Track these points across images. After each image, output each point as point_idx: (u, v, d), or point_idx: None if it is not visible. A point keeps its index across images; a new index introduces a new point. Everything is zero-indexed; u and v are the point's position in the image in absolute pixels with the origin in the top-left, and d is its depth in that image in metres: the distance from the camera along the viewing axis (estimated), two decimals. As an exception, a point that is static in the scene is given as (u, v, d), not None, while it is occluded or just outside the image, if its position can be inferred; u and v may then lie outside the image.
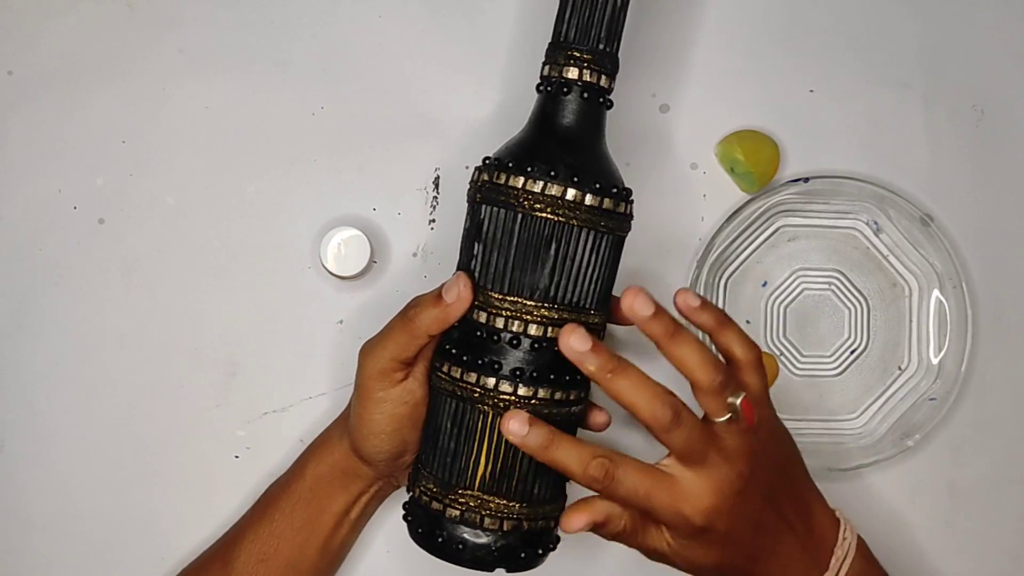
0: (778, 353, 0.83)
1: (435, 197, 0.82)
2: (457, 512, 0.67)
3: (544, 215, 0.65)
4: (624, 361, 0.62)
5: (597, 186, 0.66)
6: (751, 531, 0.66)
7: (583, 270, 0.66)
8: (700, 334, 0.74)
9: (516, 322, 0.66)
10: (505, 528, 0.67)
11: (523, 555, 0.68)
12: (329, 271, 0.78)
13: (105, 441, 0.81)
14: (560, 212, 0.65)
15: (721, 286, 0.83)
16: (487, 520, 0.67)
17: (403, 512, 0.71)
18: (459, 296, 0.66)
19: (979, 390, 0.83)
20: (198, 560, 0.77)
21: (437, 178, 0.82)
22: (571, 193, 0.65)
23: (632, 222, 0.69)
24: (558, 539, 0.71)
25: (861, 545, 0.69)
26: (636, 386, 0.62)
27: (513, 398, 0.66)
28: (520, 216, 0.66)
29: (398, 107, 0.82)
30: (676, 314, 0.65)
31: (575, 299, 0.67)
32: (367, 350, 0.70)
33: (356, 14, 0.82)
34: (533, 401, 0.66)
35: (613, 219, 0.67)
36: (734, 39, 0.84)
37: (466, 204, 0.69)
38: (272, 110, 0.82)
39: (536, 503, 0.68)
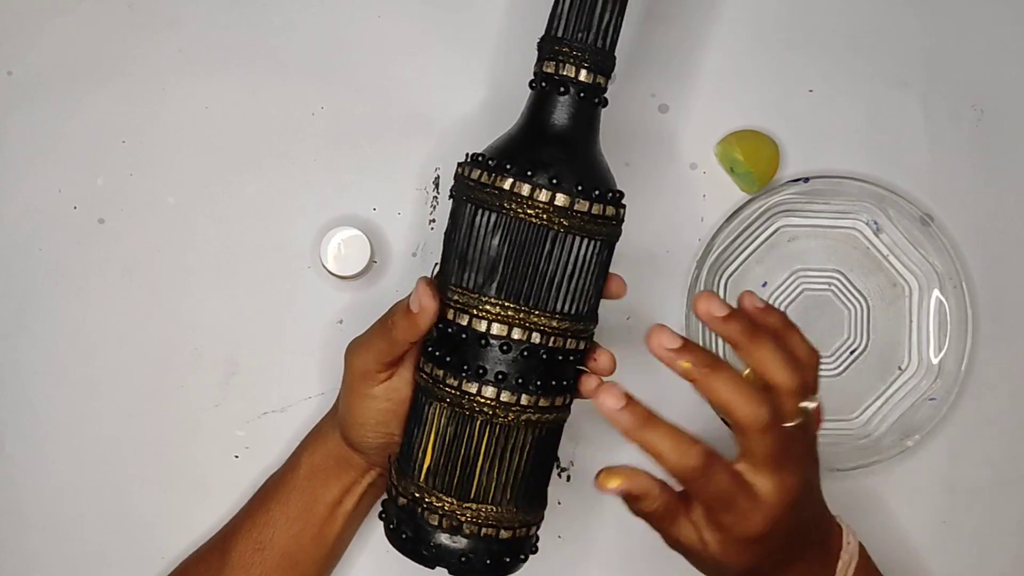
0: (778, 353, 0.83)
1: (435, 197, 0.82)
2: (404, 501, 0.67)
3: (506, 212, 0.64)
4: (719, 359, 0.60)
5: (558, 183, 0.64)
6: (797, 538, 0.64)
7: (539, 269, 0.64)
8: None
9: (463, 315, 0.65)
10: (443, 525, 0.66)
11: (463, 559, 0.65)
12: (329, 271, 0.78)
13: (104, 441, 0.81)
14: (510, 208, 0.64)
15: (721, 286, 0.83)
16: (426, 513, 0.66)
17: None
18: (422, 306, 0.65)
19: (979, 390, 0.83)
20: (196, 553, 0.77)
21: (437, 178, 0.82)
22: (526, 189, 0.64)
23: (621, 226, 0.67)
24: (519, 556, 0.68)
25: (862, 550, 0.69)
26: (733, 385, 0.60)
27: (456, 392, 0.65)
28: (479, 211, 0.65)
29: (398, 107, 0.82)
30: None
31: (530, 299, 0.65)
32: (352, 349, 0.70)
33: (356, 14, 0.82)
34: (478, 398, 0.65)
35: (576, 219, 0.64)
36: (734, 39, 0.84)
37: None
38: (272, 110, 0.82)
39: (481, 504, 0.65)
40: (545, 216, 0.64)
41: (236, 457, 0.81)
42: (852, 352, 0.83)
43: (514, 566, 0.68)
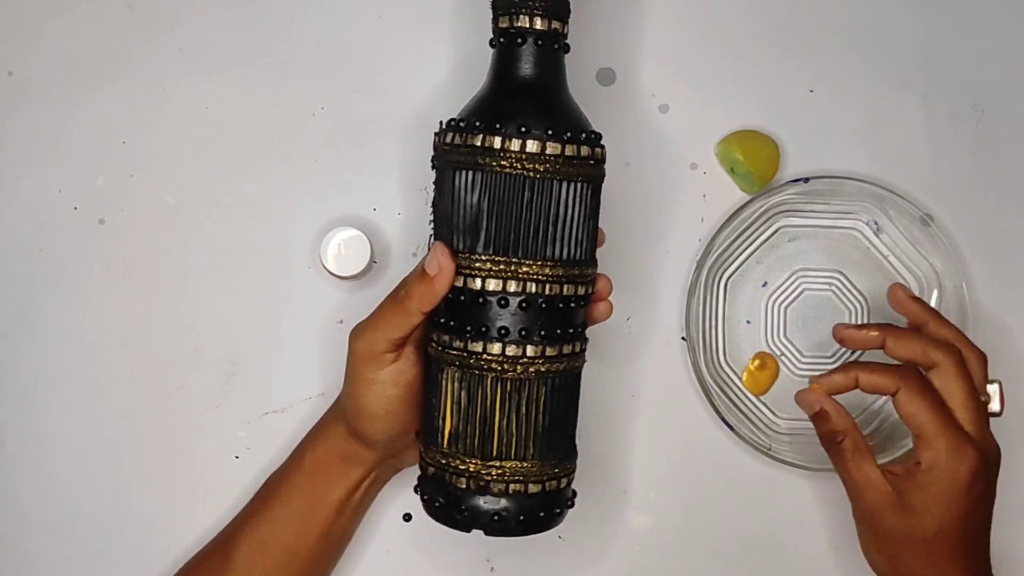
0: (778, 353, 0.83)
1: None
2: (433, 470, 0.68)
3: (481, 167, 0.65)
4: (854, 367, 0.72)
5: (528, 130, 0.65)
6: (977, 515, 0.71)
7: (523, 218, 0.65)
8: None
9: (459, 278, 0.66)
10: (471, 487, 0.66)
11: (496, 518, 0.66)
12: (329, 271, 0.78)
13: (105, 441, 0.81)
14: (485, 163, 0.65)
15: (721, 286, 0.83)
16: (454, 478, 0.67)
17: None
18: (441, 267, 0.66)
19: (979, 390, 0.83)
20: (198, 555, 0.77)
21: (437, 178, 0.82)
22: (497, 141, 0.65)
23: (603, 167, 0.68)
24: (553, 511, 0.68)
25: None
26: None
27: (464, 354, 0.66)
28: (456, 172, 0.66)
29: (398, 107, 0.82)
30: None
31: (518, 249, 0.65)
32: (358, 333, 0.70)
33: (356, 14, 0.82)
34: (485, 356, 0.66)
35: (551, 163, 0.65)
36: (734, 39, 0.84)
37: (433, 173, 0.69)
38: (272, 110, 0.82)
39: (505, 461, 0.66)
40: (519, 165, 0.65)
41: (236, 457, 0.81)
42: (852, 352, 0.83)
43: (549, 521, 0.68)
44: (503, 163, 0.65)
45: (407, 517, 0.79)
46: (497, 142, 0.65)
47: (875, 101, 0.84)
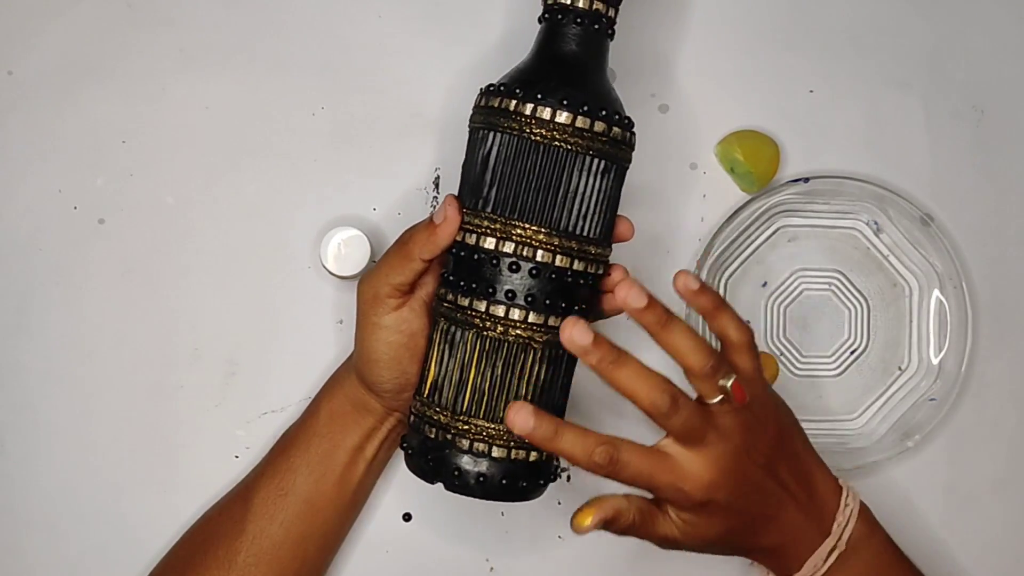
0: (778, 353, 0.83)
1: (435, 197, 0.82)
2: (413, 418, 0.69)
3: (494, 128, 0.66)
4: (624, 352, 0.63)
5: (543, 97, 0.65)
6: (752, 499, 0.67)
7: (526, 181, 0.66)
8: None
9: (460, 232, 0.67)
10: (439, 438, 0.67)
11: (456, 473, 0.66)
12: (329, 271, 0.78)
13: (104, 441, 0.81)
14: (498, 123, 0.66)
15: (721, 286, 0.83)
16: (426, 427, 0.67)
17: None
18: (446, 217, 0.67)
19: (979, 390, 0.83)
20: (218, 504, 0.78)
21: (437, 178, 0.82)
22: (512, 104, 0.66)
23: (625, 149, 0.68)
24: (518, 483, 0.67)
25: (864, 511, 0.71)
26: (636, 376, 0.63)
27: (452, 306, 0.67)
28: (478, 132, 0.67)
29: (398, 107, 0.82)
30: (671, 298, 0.66)
31: (515, 211, 0.66)
32: (364, 278, 0.71)
33: (356, 14, 0.83)
34: (469, 311, 0.66)
35: (560, 131, 0.65)
36: (734, 39, 0.84)
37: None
38: (272, 110, 0.82)
39: (473, 419, 0.66)
40: (528, 129, 0.65)
41: (236, 457, 0.81)
42: (852, 352, 0.83)
43: (511, 492, 0.67)
44: (513, 125, 0.66)
45: (407, 517, 0.79)
46: (512, 105, 0.66)
47: (875, 101, 0.84)
